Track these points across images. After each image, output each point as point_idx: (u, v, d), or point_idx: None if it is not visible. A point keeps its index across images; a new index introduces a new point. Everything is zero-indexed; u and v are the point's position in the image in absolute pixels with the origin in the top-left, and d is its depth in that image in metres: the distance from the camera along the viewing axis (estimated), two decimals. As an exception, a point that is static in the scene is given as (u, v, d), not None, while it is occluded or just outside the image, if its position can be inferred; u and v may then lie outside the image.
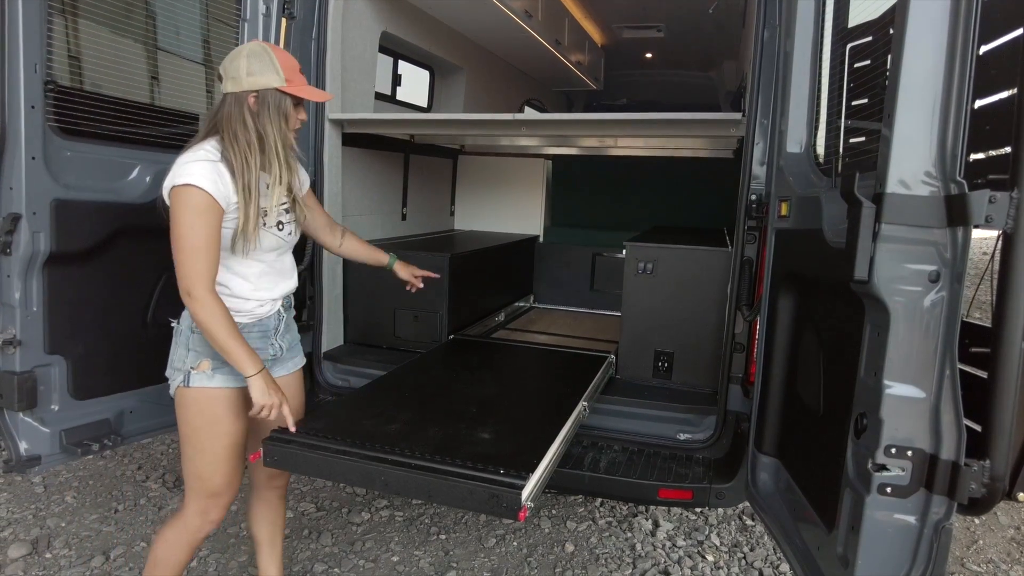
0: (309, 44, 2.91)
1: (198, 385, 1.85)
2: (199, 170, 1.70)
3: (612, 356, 2.93)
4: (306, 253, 2.94)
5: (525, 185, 4.77)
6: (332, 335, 3.20)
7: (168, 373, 1.90)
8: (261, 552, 2.26)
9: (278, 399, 1.80)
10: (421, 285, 2.53)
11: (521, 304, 4.55)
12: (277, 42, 2.76)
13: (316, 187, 2.95)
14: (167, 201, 1.73)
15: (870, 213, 1.35)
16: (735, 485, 2.37)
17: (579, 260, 4.56)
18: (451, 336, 3.26)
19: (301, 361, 2.17)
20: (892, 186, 1.34)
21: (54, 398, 2.21)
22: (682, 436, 2.60)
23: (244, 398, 1.87)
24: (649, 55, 6.40)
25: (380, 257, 2.44)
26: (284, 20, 2.79)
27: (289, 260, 2.06)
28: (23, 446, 2.14)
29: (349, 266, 3.25)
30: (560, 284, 4.65)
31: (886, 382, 1.37)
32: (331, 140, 3.01)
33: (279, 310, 2.02)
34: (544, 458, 1.77)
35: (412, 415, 2.13)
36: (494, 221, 4.83)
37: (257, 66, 1.77)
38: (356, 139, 3.27)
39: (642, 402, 2.67)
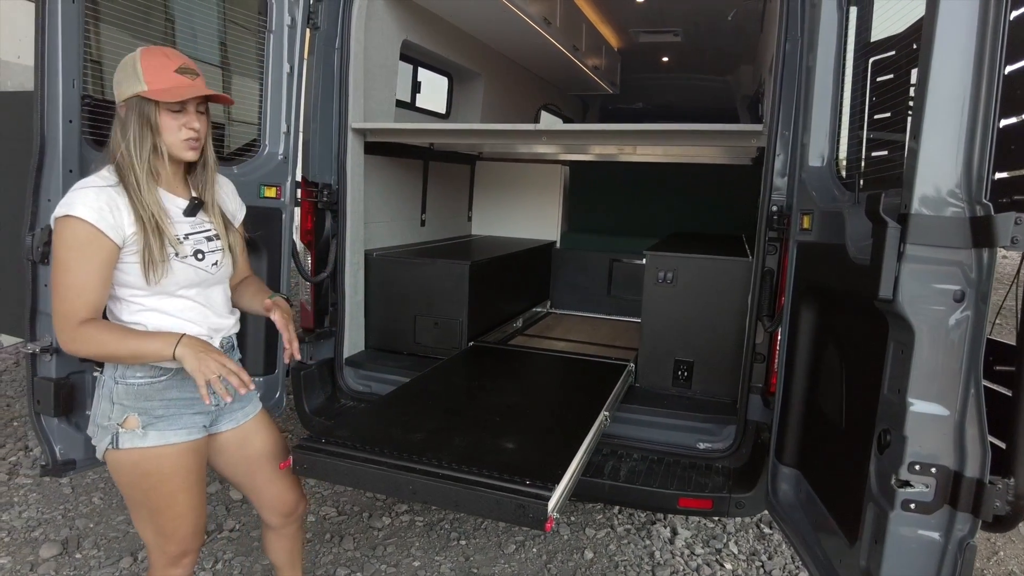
0: (333, 54, 2.95)
1: (130, 446, 1.61)
2: (82, 198, 1.50)
3: (632, 364, 2.95)
4: (328, 260, 2.99)
5: (542, 190, 4.79)
6: (353, 341, 3.25)
7: (90, 431, 1.68)
8: (282, 573, 2.14)
9: (216, 360, 1.55)
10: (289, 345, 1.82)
11: (538, 309, 4.58)
12: (301, 53, 2.79)
13: (339, 195, 3.00)
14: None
15: (895, 234, 1.36)
16: (755, 495, 2.38)
17: (596, 266, 4.58)
18: (471, 343, 3.30)
19: (255, 409, 1.91)
20: (917, 207, 1.35)
21: (88, 404, 2.26)
22: (702, 445, 2.61)
23: (192, 447, 1.70)
24: (665, 59, 6.41)
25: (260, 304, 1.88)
26: (309, 31, 2.83)
27: (220, 295, 1.79)
28: (59, 450, 2.19)
29: (370, 274, 3.29)
30: (577, 289, 4.67)
31: (910, 399, 1.38)
32: (354, 149, 3.05)
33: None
34: (568, 468, 1.79)
35: (436, 423, 2.17)
36: (511, 226, 4.86)
37: (122, 74, 1.58)
38: (377, 147, 3.31)
39: (662, 411, 2.69)
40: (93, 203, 1.51)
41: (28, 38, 5.37)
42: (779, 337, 2.32)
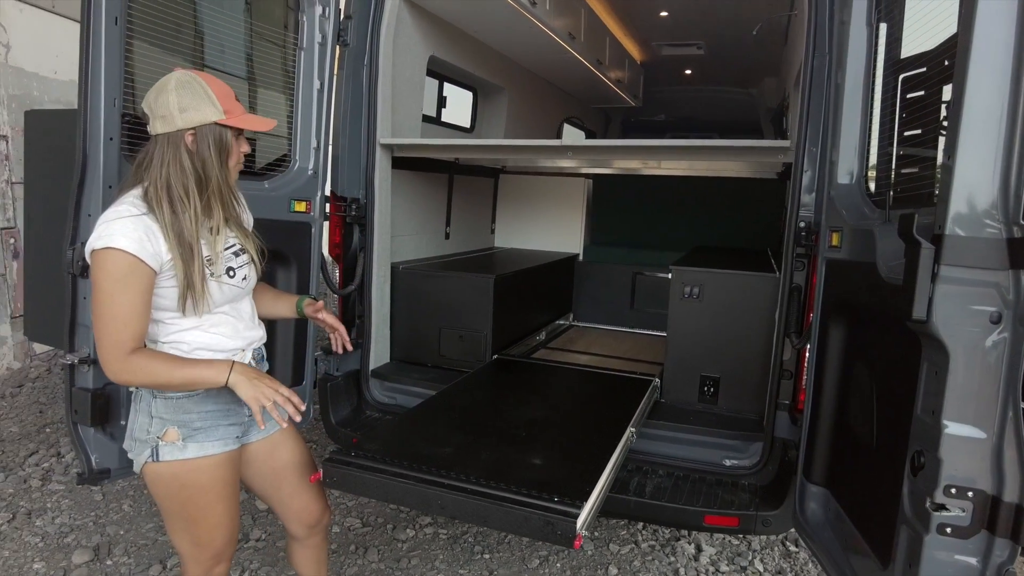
0: (361, 71, 3.00)
1: (170, 459, 1.64)
2: (121, 229, 1.50)
3: (657, 380, 2.94)
4: (356, 273, 3.03)
5: (565, 203, 4.81)
6: (379, 353, 3.28)
7: (127, 445, 1.69)
8: None
9: (270, 387, 1.59)
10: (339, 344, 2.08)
11: (561, 322, 4.58)
12: (331, 69, 2.84)
13: (367, 209, 3.04)
14: (88, 261, 1.55)
15: (929, 255, 1.35)
16: (782, 513, 2.36)
17: (619, 278, 4.58)
18: (494, 356, 3.31)
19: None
20: (952, 227, 1.34)
21: (123, 414, 2.31)
22: (728, 462, 2.60)
23: (228, 458, 1.74)
24: (688, 71, 6.41)
25: (288, 308, 2.04)
26: (338, 48, 2.89)
27: (248, 307, 1.84)
28: (94, 459, 2.24)
29: (396, 287, 3.33)
30: (600, 302, 4.67)
31: (945, 421, 1.37)
32: (381, 164, 3.09)
33: (249, 363, 1.80)
34: (596, 485, 1.80)
35: (463, 437, 2.18)
36: (534, 239, 4.88)
37: (190, 99, 1.57)
38: (404, 162, 3.35)
39: (687, 427, 2.68)
40: (132, 233, 1.51)
41: (64, 54, 5.53)
42: (807, 354, 2.30)
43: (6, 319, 5.10)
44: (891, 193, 1.99)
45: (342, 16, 2.81)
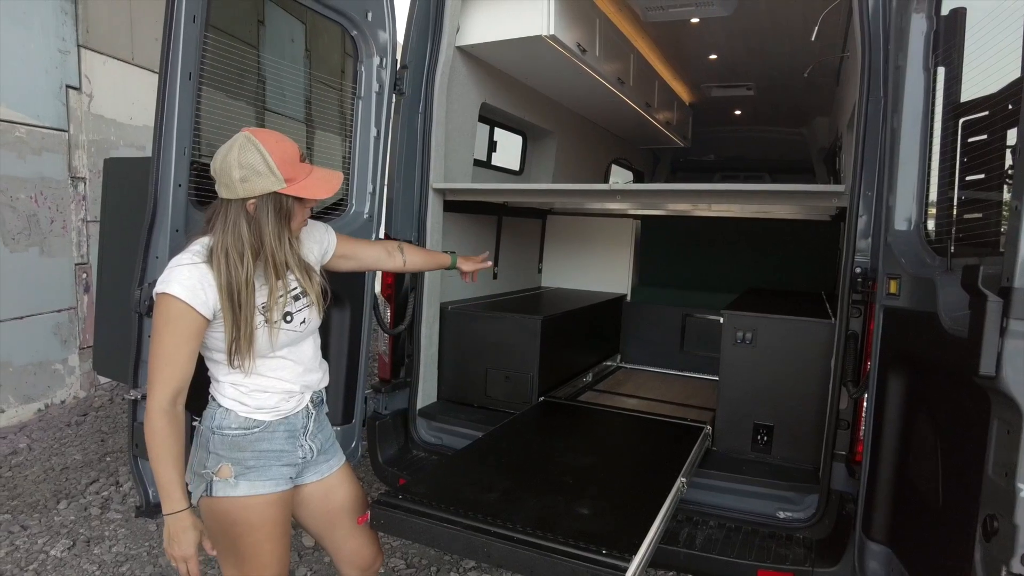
0: (416, 118, 3.10)
1: (222, 495, 1.69)
2: (177, 276, 1.59)
3: (708, 427, 2.87)
4: (407, 313, 3.09)
5: (613, 244, 4.80)
6: (427, 392, 3.30)
7: (187, 478, 1.71)
8: None
9: (183, 553, 1.62)
10: (488, 264, 2.57)
11: (609, 363, 4.54)
12: (388, 117, 2.93)
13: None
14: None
15: (996, 308, 1.31)
16: (839, 570, 2.25)
17: (668, 320, 4.52)
18: (541, 398, 3.30)
19: (339, 462, 1.98)
20: (1021, 280, 1.30)
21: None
22: (782, 514, 2.50)
23: (279, 498, 1.76)
24: (738, 112, 6.40)
25: (443, 260, 2.45)
26: (395, 96, 2.99)
27: (309, 349, 1.86)
28: (152, 493, 2.30)
29: (445, 327, 3.36)
30: (649, 344, 4.61)
31: (1019, 484, 1.30)
32: (434, 207, 3.16)
33: (307, 406, 1.84)
34: (645, 538, 1.76)
35: (510, 483, 2.17)
36: (581, 279, 4.88)
37: (250, 170, 1.61)
38: (455, 204, 3.43)
39: (740, 477, 2.60)
40: (187, 281, 1.58)
41: (140, 102, 5.88)
42: (864, 403, 2.22)
43: (75, 349, 5.35)
44: (952, 240, 1.93)
45: (399, 66, 2.92)
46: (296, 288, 1.78)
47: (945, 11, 2.07)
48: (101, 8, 5.34)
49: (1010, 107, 1.73)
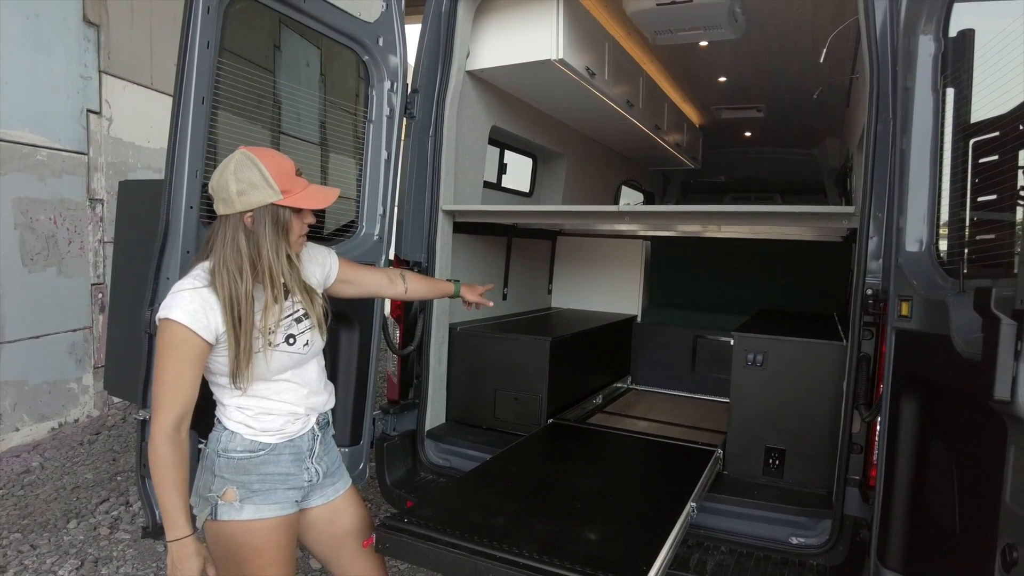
0: (426, 141, 3.13)
1: (227, 518, 1.69)
2: (179, 301, 1.60)
3: (719, 450, 2.84)
4: (416, 334, 3.09)
5: (623, 265, 4.80)
6: (435, 413, 3.29)
7: (193, 500, 1.71)
8: None
9: None
10: (489, 303, 2.52)
11: (619, 385, 4.51)
12: (399, 140, 2.97)
13: (428, 272, 3.12)
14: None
15: (1010, 331, 1.29)
16: None
17: (679, 342, 4.49)
18: (550, 420, 3.27)
19: (345, 485, 1.98)
20: (1034, 302, 1.28)
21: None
22: (795, 540, 2.45)
23: (284, 522, 1.75)
24: (748, 133, 6.40)
25: (445, 288, 2.43)
26: (405, 120, 3.03)
27: (314, 371, 1.86)
28: (158, 513, 2.30)
29: (454, 347, 3.36)
30: (659, 366, 4.57)
31: (1037, 512, 1.27)
32: (443, 228, 3.17)
33: (313, 428, 1.85)
34: (654, 564, 1.73)
35: (517, 506, 2.14)
36: (591, 300, 4.86)
37: (246, 183, 1.63)
38: (465, 226, 3.44)
39: (751, 501, 2.55)
40: (188, 306, 1.59)
41: (157, 125, 6.00)
42: (877, 427, 2.19)
43: (89, 369, 5.40)
44: (964, 261, 1.91)
45: (409, 90, 2.95)
46: (299, 310, 1.79)
47: (953, 32, 2.07)
48: (123, 35, 5.47)
49: (1021, 128, 1.72)
